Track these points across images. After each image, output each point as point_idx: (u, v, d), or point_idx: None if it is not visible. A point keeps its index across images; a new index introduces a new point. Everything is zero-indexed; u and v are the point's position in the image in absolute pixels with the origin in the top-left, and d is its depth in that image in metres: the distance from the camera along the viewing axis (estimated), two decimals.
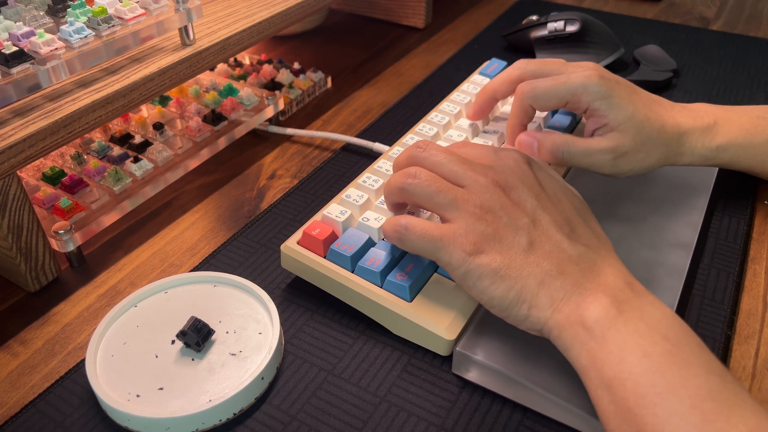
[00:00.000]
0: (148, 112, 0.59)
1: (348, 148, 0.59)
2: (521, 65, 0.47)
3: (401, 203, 0.40)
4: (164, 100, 0.60)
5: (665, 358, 0.30)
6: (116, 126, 0.57)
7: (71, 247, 0.45)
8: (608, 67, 0.69)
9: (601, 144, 0.44)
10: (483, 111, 0.51)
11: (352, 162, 0.57)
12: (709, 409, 0.28)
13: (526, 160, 0.38)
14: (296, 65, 0.69)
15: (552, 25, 0.70)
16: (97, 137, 0.55)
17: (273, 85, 0.65)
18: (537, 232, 0.34)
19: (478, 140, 0.51)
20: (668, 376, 0.29)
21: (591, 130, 0.46)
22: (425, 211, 0.42)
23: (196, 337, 0.37)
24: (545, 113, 0.53)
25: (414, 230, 0.36)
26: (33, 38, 0.41)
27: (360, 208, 0.43)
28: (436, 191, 0.36)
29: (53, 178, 0.49)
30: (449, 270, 0.35)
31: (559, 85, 0.44)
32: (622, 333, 0.31)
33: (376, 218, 0.42)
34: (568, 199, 0.37)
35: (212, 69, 0.68)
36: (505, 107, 0.56)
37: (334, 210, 0.43)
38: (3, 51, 0.39)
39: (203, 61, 0.51)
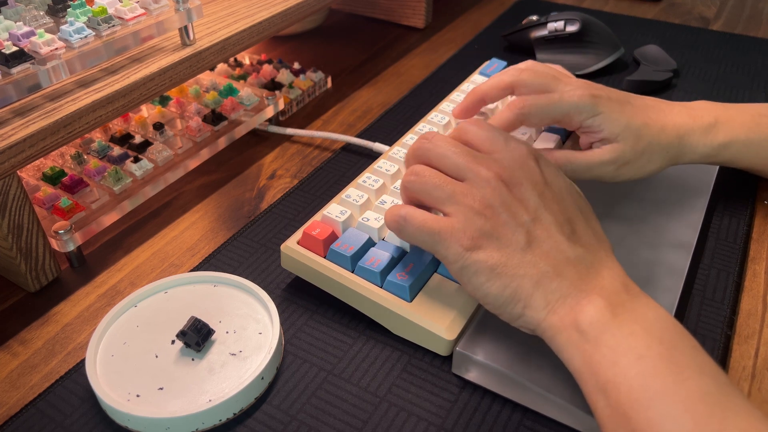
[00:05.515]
0: (148, 112, 0.59)
1: (348, 148, 0.59)
2: (514, 72, 0.46)
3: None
4: (164, 100, 0.60)
5: (659, 361, 0.29)
6: (116, 126, 0.57)
7: (71, 247, 0.45)
8: (608, 67, 0.69)
9: (602, 156, 0.44)
10: (469, 111, 0.51)
11: (352, 162, 0.57)
12: (702, 412, 0.28)
13: (534, 155, 0.37)
14: (296, 65, 0.69)
15: (552, 25, 0.70)
16: (97, 137, 0.55)
17: (273, 85, 0.65)
18: (537, 231, 0.34)
19: None
20: (661, 380, 0.29)
21: (587, 143, 0.46)
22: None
23: (196, 337, 0.37)
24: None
25: (412, 221, 0.36)
26: (33, 38, 0.41)
27: (360, 208, 0.43)
28: (434, 186, 0.36)
29: (53, 178, 0.49)
30: (446, 263, 0.35)
31: (552, 105, 0.44)
32: (616, 336, 0.31)
33: (376, 218, 0.42)
34: (571, 197, 0.37)
35: (212, 69, 0.68)
36: (492, 105, 0.55)
37: (334, 210, 0.43)
38: (3, 51, 0.39)
39: (203, 61, 0.51)
